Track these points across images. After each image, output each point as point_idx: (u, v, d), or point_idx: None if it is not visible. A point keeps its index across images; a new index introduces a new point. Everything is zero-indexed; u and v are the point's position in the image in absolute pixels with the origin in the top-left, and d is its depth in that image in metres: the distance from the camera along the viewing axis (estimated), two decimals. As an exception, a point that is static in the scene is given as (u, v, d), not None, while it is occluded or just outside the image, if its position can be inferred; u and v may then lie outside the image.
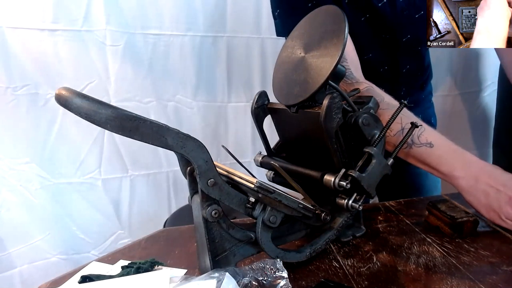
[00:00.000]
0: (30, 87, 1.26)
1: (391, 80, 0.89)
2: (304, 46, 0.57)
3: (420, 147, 0.68)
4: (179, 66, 1.37)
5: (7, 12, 1.19)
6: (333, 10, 0.54)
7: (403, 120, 0.68)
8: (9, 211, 1.35)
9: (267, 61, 1.42)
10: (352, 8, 0.78)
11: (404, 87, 0.92)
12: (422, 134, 0.68)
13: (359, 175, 0.53)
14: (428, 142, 0.68)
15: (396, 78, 0.90)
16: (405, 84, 0.92)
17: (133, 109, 0.92)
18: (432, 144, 0.68)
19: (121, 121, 0.38)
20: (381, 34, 0.84)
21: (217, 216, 0.47)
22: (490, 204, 0.62)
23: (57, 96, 0.39)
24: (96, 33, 1.26)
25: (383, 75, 0.88)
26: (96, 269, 0.58)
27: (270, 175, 0.67)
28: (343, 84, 0.73)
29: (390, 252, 0.58)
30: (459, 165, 0.66)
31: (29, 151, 1.32)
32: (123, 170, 1.42)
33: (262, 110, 0.63)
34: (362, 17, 0.79)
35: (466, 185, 0.65)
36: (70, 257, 1.44)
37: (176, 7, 1.30)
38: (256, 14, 1.37)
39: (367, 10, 0.80)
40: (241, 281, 0.45)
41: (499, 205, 0.61)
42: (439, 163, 0.67)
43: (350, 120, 0.54)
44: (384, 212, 0.72)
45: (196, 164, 0.44)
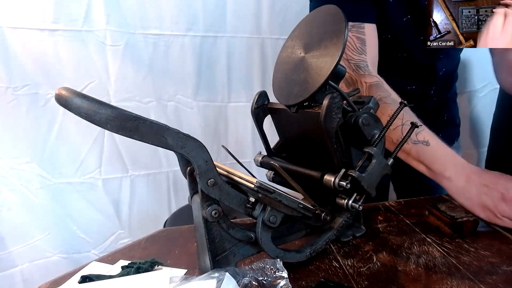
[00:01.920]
0: (30, 87, 1.26)
1: (424, 80, 0.90)
2: (304, 46, 0.57)
3: (417, 144, 0.69)
4: (179, 66, 1.37)
5: (7, 12, 1.19)
6: (333, 10, 0.54)
7: (404, 116, 0.69)
8: (10, 211, 1.35)
9: (267, 61, 1.42)
10: (397, 6, 0.78)
11: (436, 87, 0.92)
12: (420, 132, 0.69)
13: (359, 175, 0.53)
14: (425, 140, 0.68)
15: (431, 79, 0.90)
16: (437, 85, 0.92)
17: (133, 109, 0.92)
18: (429, 143, 0.69)
19: (121, 121, 0.38)
20: (422, 34, 0.83)
21: (217, 216, 0.47)
22: (483, 203, 0.62)
23: (57, 96, 0.39)
24: (96, 33, 1.26)
25: (416, 74, 0.88)
26: (96, 269, 0.58)
27: (270, 175, 0.67)
28: (356, 75, 0.75)
29: (390, 252, 0.58)
30: (450, 166, 0.67)
31: (29, 151, 1.32)
32: (123, 170, 1.43)
33: (262, 110, 0.63)
34: (404, 17, 0.79)
35: (457, 186, 0.65)
36: (70, 256, 1.45)
37: (176, 7, 1.30)
38: (256, 14, 1.37)
39: (412, 10, 0.81)
40: (241, 281, 0.45)
41: (493, 203, 0.62)
42: (432, 162, 0.68)
43: (350, 120, 0.54)
44: (384, 212, 0.72)
45: (196, 164, 0.44)
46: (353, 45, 0.76)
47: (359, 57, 0.76)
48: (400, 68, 0.84)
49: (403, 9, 0.79)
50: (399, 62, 0.84)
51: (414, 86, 0.79)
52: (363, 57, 0.75)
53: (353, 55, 0.76)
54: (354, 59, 0.76)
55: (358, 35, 0.75)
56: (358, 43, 0.76)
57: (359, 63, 0.76)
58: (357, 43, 0.76)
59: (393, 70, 0.85)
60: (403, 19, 0.78)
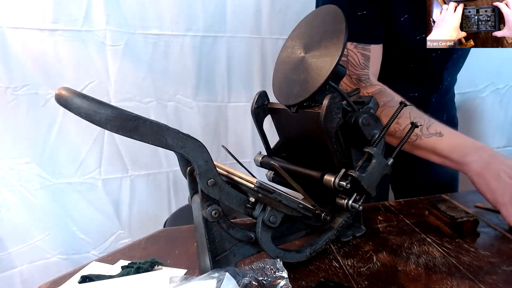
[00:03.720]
0: (30, 87, 1.26)
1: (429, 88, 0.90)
2: (304, 46, 0.57)
3: (430, 137, 0.68)
4: (179, 66, 1.37)
5: (7, 12, 1.19)
6: (333, 10, 0.54)
7: (411, 115, 0.69)
8: (9, 211, 1.35)
9: (267, 61, 1.42)
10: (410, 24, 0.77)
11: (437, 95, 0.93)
12: (431, 125, 0.69)
13: (359, 175, 0.53)
14: (438, 132, 0.68)
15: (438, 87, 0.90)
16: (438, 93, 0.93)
17: (133, 109, 0.92)
18: (442, 134, 0.68)
19: (121, 121, 0.38)
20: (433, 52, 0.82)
21: (217, 216, 0.47)
22: (500, 188, 0.61)
23: (57, 96, 0.39)
24: (96, 33, 1.26)
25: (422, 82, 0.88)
26: (96, 269, 0.58)
27: (270, 175, 0.67)
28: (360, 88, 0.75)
29: (390, 252, 0.58)
30: (471, 151, 0.65)
31: (29, 151, 1.32)
32: (123, 170, 1.43)
33: (262, 110, 0.63)
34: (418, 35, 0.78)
35: (478, 167, 0.64)
36: (70, 257, 1.45)
37: (176, 7, 1.30)
38: (256, 14, 1.37)
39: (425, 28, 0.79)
40: (241, 281, 0.45)
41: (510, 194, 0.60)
42: (450, 151, 0.67)
43: (350, 120, 0.54)
44: (384, 212, 0.72)
45: (196, 164, 0.44)
46: (357, 61, 0.76)
47: (361, 71, 0.76)
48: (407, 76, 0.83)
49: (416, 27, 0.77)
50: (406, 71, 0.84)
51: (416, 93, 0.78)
52: (365, 71, 0.76)
53: (355, 70, 0.77)
54: (356, 74, 0.76)
55: (363, 51, 0.76)
56: (362, 59, 0.76)
57: (360, 77, 0.77)
58: (361, 59, 0.76)
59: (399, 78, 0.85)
60: (417, 37, 0.77)
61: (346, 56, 0.76)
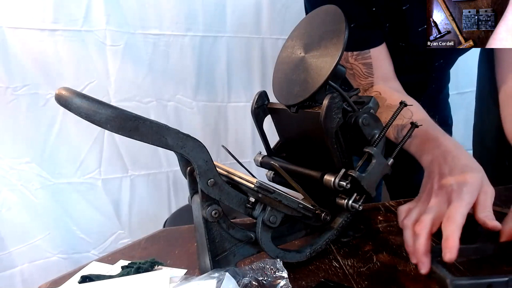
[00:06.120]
0: (30, 87, 1.27)
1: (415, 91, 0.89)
2: (304, 46, 0.57)
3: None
4: (179, 66, 1.37)
5: (7, 12, 1.19)
6: (333, 10, 0.54)
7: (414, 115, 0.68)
8: (10, 211, 1.35)
9: (267, 61, 1.43)
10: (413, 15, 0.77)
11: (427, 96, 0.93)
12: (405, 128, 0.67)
13: (359, 175, 0.53)
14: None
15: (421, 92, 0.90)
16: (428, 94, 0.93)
17: (133, 109, 0.92)
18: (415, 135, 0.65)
19: (121, 121, 0.38)
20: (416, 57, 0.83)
21: (217, 216, 0.47)
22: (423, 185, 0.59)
23: (57, 96, 0.39)
24: (96, 33, 1.26)
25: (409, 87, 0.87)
26: (96, 269, 0.58)
27: (270, 175, 0.67)
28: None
29: (390, 252, 0.58)
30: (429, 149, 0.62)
31: (29, 151, 1.32)
32: (123, 170, 1.43)
33: (262, 110, 0.63)
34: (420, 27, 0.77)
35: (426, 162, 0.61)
36: (70, 256, 1.45)
37: (176, 7, 1.30)
38: (256, 14, 1.37)
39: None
40: (241, 281, 0.45)
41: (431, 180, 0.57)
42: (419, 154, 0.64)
43: (350, 120, 0.54)
44: (384, 212, 0.72)
45: (196, 164, 0.44)
46: (360, 72, 0.77)
47: (365, 81, 0.77)
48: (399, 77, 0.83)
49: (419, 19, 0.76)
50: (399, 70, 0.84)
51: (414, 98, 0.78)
52: (368, 80, 0.77)
53: (360, 81, 0.77)
54: (361, 84, 0.77)
55: (364, 60, 0.76)
56: (364, 69, 0.76)
57: (364, 87, 0.77)
58: (363, 69, 0.76)
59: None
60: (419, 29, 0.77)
61: (352, 69, 0.77)
